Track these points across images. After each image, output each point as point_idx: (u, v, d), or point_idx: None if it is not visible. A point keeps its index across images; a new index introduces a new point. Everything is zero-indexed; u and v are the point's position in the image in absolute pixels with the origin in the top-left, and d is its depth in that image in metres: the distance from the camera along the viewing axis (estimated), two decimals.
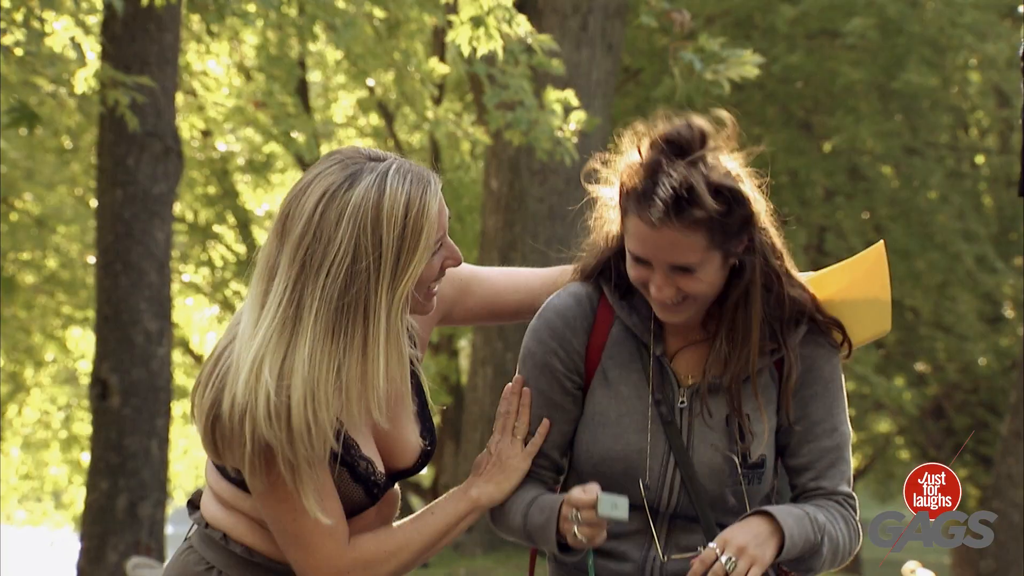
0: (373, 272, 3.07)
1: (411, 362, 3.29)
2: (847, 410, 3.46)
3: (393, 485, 3.37)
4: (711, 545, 3.20)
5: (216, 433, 3.10)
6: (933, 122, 18.53)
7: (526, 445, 3.40)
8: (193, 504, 3.39)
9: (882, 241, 3.55)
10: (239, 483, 3.24)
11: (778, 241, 3.44)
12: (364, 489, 3.26)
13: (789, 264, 3.47)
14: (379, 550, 3.26)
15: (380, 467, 3.28)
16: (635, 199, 3.29)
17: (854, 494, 3.43)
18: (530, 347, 3.46)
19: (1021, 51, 6.36)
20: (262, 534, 3.27)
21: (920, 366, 21.25)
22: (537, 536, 3.36)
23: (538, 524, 3.34)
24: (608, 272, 3.47)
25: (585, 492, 3.22)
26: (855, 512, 3.41)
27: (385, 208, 3.06)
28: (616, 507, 3.16)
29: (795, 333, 3.43)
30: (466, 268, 3.45)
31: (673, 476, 3.37)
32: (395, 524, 3.32)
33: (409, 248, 3.09)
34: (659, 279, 3.31)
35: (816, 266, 19.99)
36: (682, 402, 3.40)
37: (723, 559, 3.18)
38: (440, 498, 3.36)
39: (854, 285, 3.55)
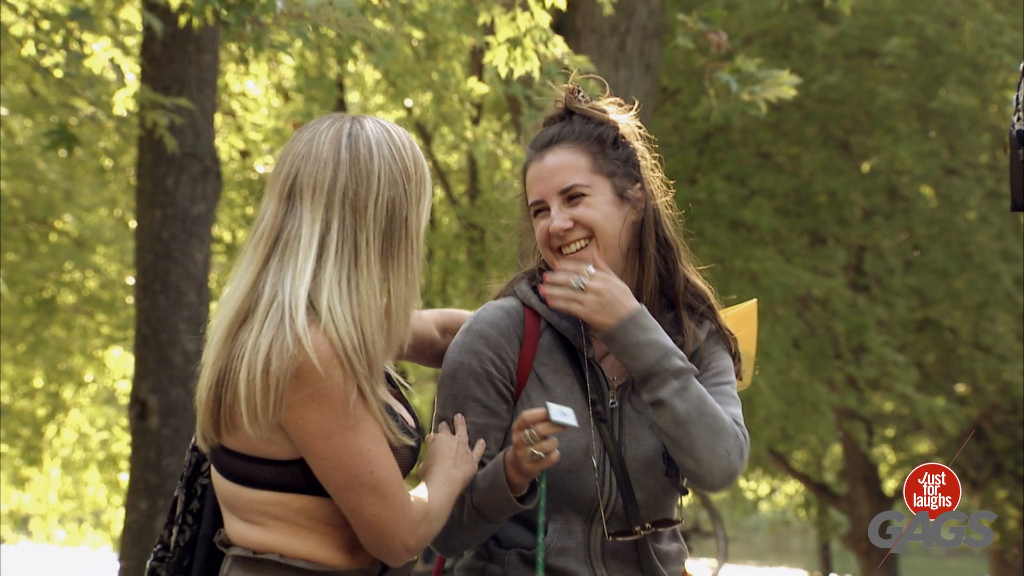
0: (406, 194, 3.27)
1: None
2: (738, 402, 3.54)
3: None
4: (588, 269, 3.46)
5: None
6: (972, 142, 18.45)
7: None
8: (223, 543, 3.34)
9: (755, 300, 3.71)
10: (275, 485, 3.21)
11: (673, 235, 3.62)
12: (409, 446, 3.29)
13: (687, 260, 3.63)
14: (428, 507, 3.27)
15: (409, 420, 3.34)
16: (529, 149, 3.62)
17: (744, 430, 3.45)
18: (462, 360, 3.52)
19: None
20: (316, 538, 3.23)
21: (959, 387, 21.15)
22: (486, 498, 3.38)
23: (485, 487, 3.38)
24: (527, 288, 3.64)
25: (533, 411, 3.30)
26: (742, 436, 3.43)
27: (396, 137, 3.31)
28: (565, 414, 3.27)
29: (701, 328, 3.57)
30: None
31: (611, 472, 3.45)
32: (415, 491, 3.33)
33: (422, 171, 3.34)
34: (554, 211, 3.53)
35: (855, 286, 19.72)
36: (613, 402, 3.51)
37: (575, 280, 3.44)
38: (432, 477, 3.36)
39: None
